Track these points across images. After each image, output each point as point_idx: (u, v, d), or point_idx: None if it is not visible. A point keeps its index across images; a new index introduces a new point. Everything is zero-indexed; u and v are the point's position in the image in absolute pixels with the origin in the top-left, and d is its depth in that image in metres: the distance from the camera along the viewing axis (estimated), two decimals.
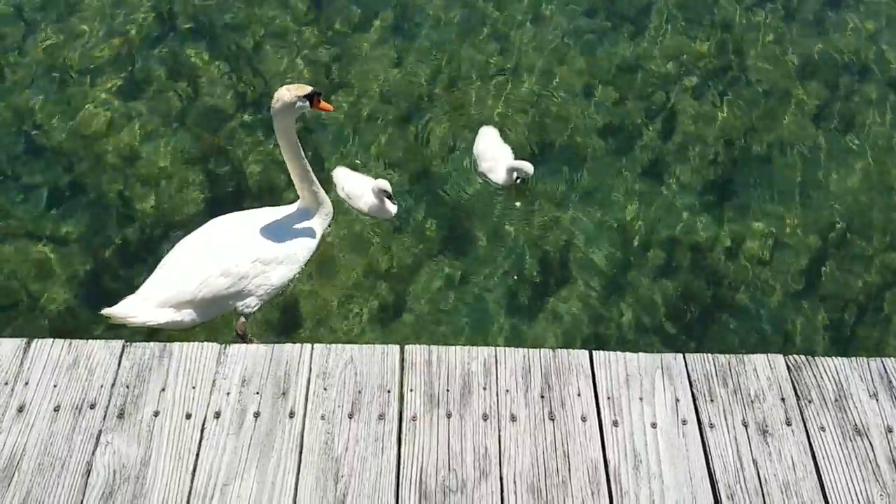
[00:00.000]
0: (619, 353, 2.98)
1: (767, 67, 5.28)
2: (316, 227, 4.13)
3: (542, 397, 2.86)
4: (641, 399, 2.87)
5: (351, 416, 2.79)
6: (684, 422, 2.82)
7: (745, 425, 2.82)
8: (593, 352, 2.98)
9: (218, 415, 2.78)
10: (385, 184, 4.29)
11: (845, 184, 4.73)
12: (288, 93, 3.63)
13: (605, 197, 4.62)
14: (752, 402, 2.87)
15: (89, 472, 2.64)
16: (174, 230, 4.30)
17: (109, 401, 2.80)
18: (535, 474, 2.68)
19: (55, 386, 2.82)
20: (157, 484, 2.62)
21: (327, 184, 4.42)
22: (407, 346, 2.98)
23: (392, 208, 4.42)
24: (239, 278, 3.75)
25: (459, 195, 4.60)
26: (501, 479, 2.67)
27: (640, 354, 2.98)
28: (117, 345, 2.93)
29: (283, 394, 2.84)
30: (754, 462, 2.73)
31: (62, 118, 4.82)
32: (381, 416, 2.79)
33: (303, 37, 5.30)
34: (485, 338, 4.05)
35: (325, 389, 2.85)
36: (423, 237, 4.42)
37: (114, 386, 2.83)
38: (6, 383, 2.82)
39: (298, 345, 2.97)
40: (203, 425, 2.75)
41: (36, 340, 2.93)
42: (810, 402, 2.88)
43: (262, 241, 3.87)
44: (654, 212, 4.57)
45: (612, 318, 4.17)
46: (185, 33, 5.30)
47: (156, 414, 2.77)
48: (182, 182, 4.58)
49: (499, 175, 4.58)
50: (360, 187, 4.42)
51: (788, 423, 2.83)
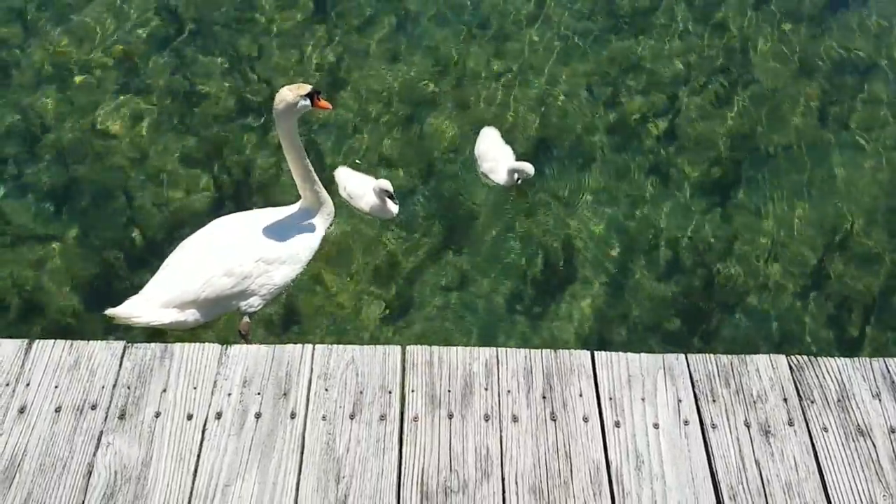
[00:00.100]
0: (620, 353, 2.97)
1: (774, 66, 5.26)
2: (318, 226, 4.14)
3: (544, 398, 2.85)
4: (643, 399, 2.86)
5: (352, 417, 2.79)
6: (686, 422, 2.81)
7: (748, 426, 2.80)
8: (595, 352, 2.97)
9: (219, 415, 2.78)
10: (386, 184, 4.29)
11: (852, 183, 4.71)
12: (290, 93, 3.65)
13: (611, 197, 4.60)
14: (754, 402, 2.86)
15: (90, 473, 2.64)
16: (177, 231, 4.30)
17: (111, 402, 2.80)
18: (537, 475, 2.68)
19: (56, 387, 2.83)
20: (158, 485, 2.62)
21: (329, 184, 4.42)
22: (408, 347, 2.98)
23: (393, 208, 4.42)
24: (242, 278, 3.76)
25: (464, 195, 4.59)
26: (503, 479, 2.66)
27: (642, 355, 2.97)
28: (118, 346, 2.94)
29: (285, 394, 2.84)
30: (757, 463, 2.72)
31: (67, 119, 4.83)
32: (383, 417, 2.79)
33: (307, 37, 5.30)
34: (488, 338, 4.04)
35: (327, 390, 2.85)
36: (427, 237, 4.42)
37: (115, 387, 2.84)
38: (7, 384, 2.83)
39: (300, 345, 2.97)
40: (204, 426, 2.76)
41: (37, 341, 2.94)
42: (813, 402, 2.87)
43: (265, 240, 3.88)
44: (659, 211, 4.55)
45: (616, 318, 4.15)
46: (190, 34, 5.31)
47: (157, 415, 2.78)
48: (185, 182, 4.59)
49: (500, 176, 4.57)
50: (361, 187, 4.42)
51: (791, 424, 2.81)
